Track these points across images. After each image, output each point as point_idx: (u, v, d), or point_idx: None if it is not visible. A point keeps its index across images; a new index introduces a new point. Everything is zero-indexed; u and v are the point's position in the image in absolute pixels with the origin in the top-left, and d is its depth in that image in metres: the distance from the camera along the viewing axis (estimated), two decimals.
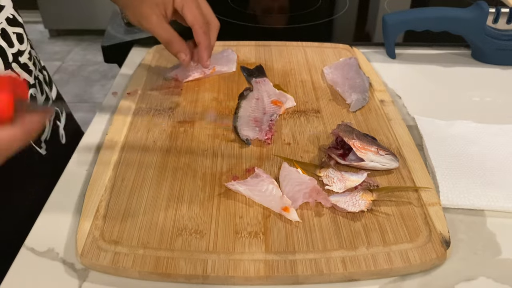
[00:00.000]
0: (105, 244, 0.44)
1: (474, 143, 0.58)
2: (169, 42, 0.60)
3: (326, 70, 0.72)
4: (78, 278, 0.43)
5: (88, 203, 0.48)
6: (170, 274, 0.42)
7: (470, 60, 0.80)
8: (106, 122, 0.63)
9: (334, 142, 0.56)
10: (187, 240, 0.45)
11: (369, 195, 0.48)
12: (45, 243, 0.46)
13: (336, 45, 0.80)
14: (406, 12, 0.79)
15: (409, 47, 0.84)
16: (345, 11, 1.01)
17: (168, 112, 0.63)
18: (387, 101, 0.65)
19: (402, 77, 0.75)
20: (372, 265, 0.42)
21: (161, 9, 0.59)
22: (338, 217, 0.47)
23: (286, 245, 0.44)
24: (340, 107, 0.65)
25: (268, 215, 0.48)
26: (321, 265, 0.42)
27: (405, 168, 0.53)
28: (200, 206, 0.49)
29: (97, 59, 2.78)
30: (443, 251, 0.44)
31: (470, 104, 0.69)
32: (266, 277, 0.42)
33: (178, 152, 0.56)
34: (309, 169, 0.53)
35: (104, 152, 0.55)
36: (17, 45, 0.56)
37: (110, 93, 0.69)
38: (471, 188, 0.51)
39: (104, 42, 0.86)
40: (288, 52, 0.79)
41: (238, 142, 0.58)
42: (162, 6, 0.59)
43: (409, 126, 0.61)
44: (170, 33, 0.60)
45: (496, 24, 0.78)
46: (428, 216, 0.47)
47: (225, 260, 0.43)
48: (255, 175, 0.51)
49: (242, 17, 0.96)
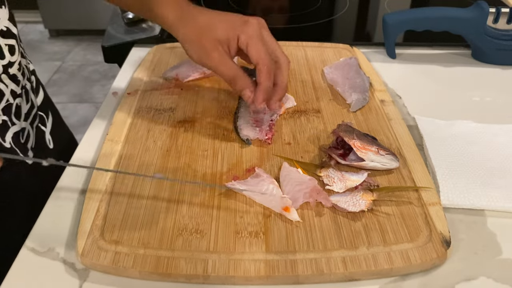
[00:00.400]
0: (106, 244, 0.44)
1: (474, 143, 0.58)
2: (233, 80, 0.56)
3: (327, 70, 0.72)
4: (79, 278, 0.43)
5: (89, 203, 0.48)
6: (171, 274, 0.42)
7: (470, 60, 0.80)
8: (107, 122, 0.63)
9: (334, 142, 0.56)
10: (188, 240, 0.45)
11: (370, 195, 0.48)
12: (45, 243, 0.46)
13: (336, 45, 0.80)
14: (406, 12, 0.79)
15: (409, 47, 0.84)
16: (345, 11, 1.01)
17: (168, 112, 0.63)
18: (388, 101, 0.66)
19: (402, 77, 0.75)
20: (372, 265, 0.43)
21: (224, 46, 0.55)
22: (339, 217, 0.47)
23: (286, 245, 0.44)
24: (341, 107, 0.65)
25: (268, 215, 0.48)
26: (322, 265, 0.42)
27: (406, 168, 0.54)
28: (200, 206, 0.49)
29: (97, 59, 2.78)
30: (444, 251, 0.44)
31: (470, 104, 0.69)
32: (266, 277, 0.42)
33: (179, 152, 0.56)
34: (310, 169, 0.53)
35: (104, 152, 0.55)
36: (8, 57, 0.55)
37: (110, 93, 0.69)
38: (471, 188, 0.51)
39: (104, 42, 0.86)
40: (288, 52, 0.78)
41: (238, 142, 0.58)
42: (226, 43, 0.55)
43: (409, 126, 0.61)
44: (234, 71, 0.55)
45: (496, 24, 0.78)
46: (429, 216, 0.47)
47: (226, 260, 0.43)
48: (256, 175, 0.51)
49: None
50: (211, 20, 0.55)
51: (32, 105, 0.62)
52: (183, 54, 0.77)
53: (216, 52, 0.54)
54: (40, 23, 3.01)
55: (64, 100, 2.44)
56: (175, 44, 0.80)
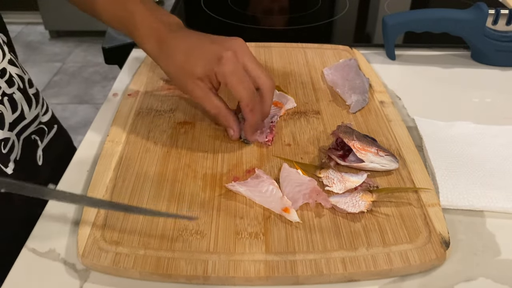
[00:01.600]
0: (106, 245, 0.44)
1: (473, 144, 0.58)
2: (216, 116, 0.56)
3: (326, 71, 0.73)
4: (79, 278, 0.43)
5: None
6: (171, 274, 0.42)
7: (469, 61, 0.80)
8: (107, 123, 0.63)
9: (334, 143, 0.56)
10: (188, 241, 0.45)
11: (369, 196, 0.49)
12: (46, 243, 0.46)
13: (336, 47, 0.81)
14: (406, 14, 0.79)
15: (409, 48, 0.84)
16: (345, 13, 1.01)
17: (168, 113, 0.63)
18: (387, 102, 0.66)
19: (402, 78, 0.75)
20: (372, 266, 0.43)
21: (205, 82, 0.54)
22: (338, 218, 0.48)
23: (286, 246, 0.44)
24: (340, 108, 0.65)
25: (268, 216, 0.48)
26: (321, 265, 0.43)
27: (405, 169, 0.54)
28: (200, 206, 0.49)
29: (98, 60, 2.78)
30: (443, 252, 0.44)
31: (470, 105, 0.69)
32: (266, 277, 0.42)
33: (179, 153, 0.56)
34: (309, 170, 0.53)
35: (105, 153, 0.56)
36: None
37: (111, 94, 0.70)
38: (470, 189, 0.52)
39: (105, 43, 0.86)
40: (288, 53, 0.79)
41: (238, 143, 0.58)
42: (207, 79, 0.54)
43: (409, 127, 0.61)
44: (217, 108, 0.55)
45: (495, 25, 0.78)
46: (428, 217, 0.47)
47: (226, 261, 0.43)
48: (256, 176, 0.51)
49: (242, 19, 0.96)
50: (189, 58, 0.54)
51: (21, 116, 0.60)
52: None
53: (198, 89, 0.54)
54: (40, 24, 3.01)
55: (64, 101, 2.44)
56: None
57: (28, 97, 0.62)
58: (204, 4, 1.03)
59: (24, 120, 0.61)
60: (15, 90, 0.59)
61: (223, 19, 0.96)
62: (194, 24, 0.99)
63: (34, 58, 2.82)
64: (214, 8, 1.02)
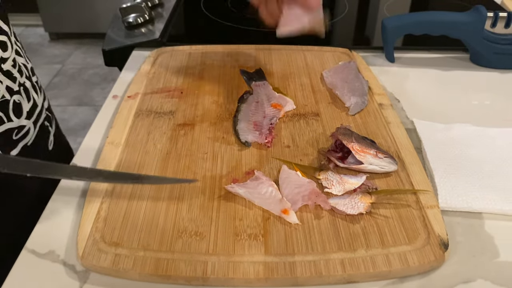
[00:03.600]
0: (106, 246, 0.44)
1: (472, 146, 0.58)
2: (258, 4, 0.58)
3: (326, 73, 0.73)
4: (79, 280, 0.43)
5: (89, 205, 0.49)
6: (170, 276, 0.42)
7: (468, 64, 0.81)
8: (107, 125, 0.63)
9: (333, 145, 0.56)
10: (187, 242, 0.45)
11: (368, 198, 0.49)
12: (46, 245, 0.46)
13: (336, 49, 0.81)
14: (405, 16, 0.80)
15: (408, 51, 0.84)
16: (344, 15, 1.02)
17: (168, 115, 0.63)
18: (386, 104, 0.66)
19: (401, 81, 0.75)
20: (371, 267, 0.43)
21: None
22: (337, 220, 0.48)
23: (285, 247, 0.44)
24: (339, 110, 0.65)
25: (267, 217, 0.48)
26: (320, 267, 0.43)
27: (404, 171, 0.54)
28: (200, 208, 0.49)
29: (97, 62, 2.79)
30: (441, 254, 0.44)
31: (469, 107, 0.69)
32: (265, 279, 0.42)
33: (178, 154, 0.56)
34: (309, 172, 0.53)
35: (104, 155, 0.56)
36: (0, 53, 0.56)
37: (111, 96, 0.70)
38: (469, 190, 0.52)
39: (104, 45, 0.86)
40: (288, 55, 0.79)
41: (237, 145, 0.58)
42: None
43: (408, 129, 0.62)
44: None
45: (494, 28, 0.78)
46: (427, 219, 0.47)
47: (225, 262, 0.43)
48: (255, 178, 0.51)
49: (242, 21, 0.97)
50: None
51: (34, 104, 0.63)
52: (183, 57, 0.78)
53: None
54: (40, 26, 3.02)
55: (64, 103, 2.44)
56: (175, 48, 0.81)
57: (34, 85, 0.64)
58: (204, 7, 1.03)
59: (37, 107, 0.63)
60: (25, 79, 0.61)
61: (222, 22, 0.96)
62: (193, 26, 0.99)
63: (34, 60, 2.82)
64: (213, 10, 1.02)
